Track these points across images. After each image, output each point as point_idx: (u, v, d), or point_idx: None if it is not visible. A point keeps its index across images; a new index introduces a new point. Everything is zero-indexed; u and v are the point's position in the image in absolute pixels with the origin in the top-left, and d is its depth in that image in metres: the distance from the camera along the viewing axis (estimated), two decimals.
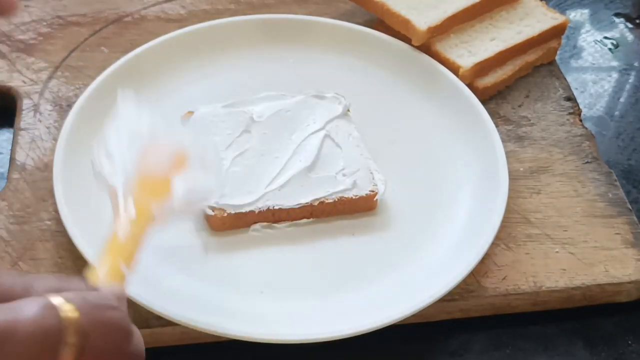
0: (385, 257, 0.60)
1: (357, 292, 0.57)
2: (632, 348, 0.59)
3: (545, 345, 0.59)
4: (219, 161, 0.60)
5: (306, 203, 0.61)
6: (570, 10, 0.91)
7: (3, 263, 0.58)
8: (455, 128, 0.69)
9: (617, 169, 0.71)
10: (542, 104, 0.74)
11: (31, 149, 0.66)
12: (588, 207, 0.65)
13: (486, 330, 0.59)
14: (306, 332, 0.53)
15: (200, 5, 0.82)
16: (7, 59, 0.75)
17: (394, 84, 0.73)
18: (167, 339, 0.56)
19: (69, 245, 0.58)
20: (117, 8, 0.81)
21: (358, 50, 0.75)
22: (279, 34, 0.76)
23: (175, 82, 0.71)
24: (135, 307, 0.55)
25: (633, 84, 0.82)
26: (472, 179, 0.65)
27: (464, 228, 0.61)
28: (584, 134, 0.71)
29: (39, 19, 0.79)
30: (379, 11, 0.75)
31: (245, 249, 0.60)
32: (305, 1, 0.83)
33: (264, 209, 0.60)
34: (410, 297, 0.55)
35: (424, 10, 0.73)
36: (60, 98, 0.71)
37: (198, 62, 0.73)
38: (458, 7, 0.74)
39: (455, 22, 0.74)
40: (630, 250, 0.62)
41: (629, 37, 0.87)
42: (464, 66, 0.71)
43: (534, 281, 0.59)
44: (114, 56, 0.73)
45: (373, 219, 0.62)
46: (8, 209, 0.62)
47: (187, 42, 0.73)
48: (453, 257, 0.59)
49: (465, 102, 0.69)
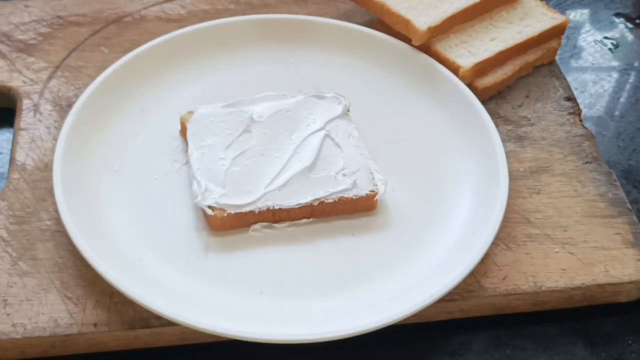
0: (385, 257, 0.60)
1: (357, 292, 0.57)
2: (632, 348, 0.59)
3: (545, 345, 0.59)
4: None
5: (306, 203, 0.61)
6: (570, 10, 0.91)
7: (3, 263, 0.58)
8: (455, 128, 0.69)
9: (617, 169, 0.71)
10: (542, 104, 0.74)
11: (31, 149, 0.66)
12: (588, 207, 0.65)
13: (486, 330, 0.59)
14: (306, 332, 0.53)
15: (200, 5, 0.82)
16: (7, 59, 0.75)
17: (394, 84, 0.73)
18: (167, 339, 0.56)
19: (69, 245, 0.59)
20: (117, 8, 0.81)
21: (358, 50, 0.75)
22: (279, 34, 0.76)
23: (175, 82, 0.71)
24: (135, 307, 0.55)
25: (633, 84, 0.82)
26: (472, 179, 0.65)
27: (464, 228, 0.61)
28: (584, 134, 0.71)
29: (39, 19, 0.79)
30: (379, 11, 0.75)
31: (245, 249, 0.60)
32: (305, 1, 0.83)
33: (264, 209, 0.60)
34: (410, 297, 0.55)
35: (423, 10, 0.73)
36: (60, 98, 0.71)
37: (198, 62, 0.73)
38: (458, 7, 0.74)
39: (455, 22, 0.74)
40: (630, 250, 0.62)
41: (629, 37, 0.87)
42: (464, 66, 0.71)
43: (534, 281, 0.59)
44: (114, 56, 0.73)
45: (373, 219, 0.62)
46: (8, 209, 0.62)
47: (187, 42, 0.73)
48: (453, 257, 0.59)
49: (465, 102, 0.69)
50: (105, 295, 0.57)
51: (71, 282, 0.58)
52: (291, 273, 0.59)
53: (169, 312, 0.53)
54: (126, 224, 0.61)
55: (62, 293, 0.57)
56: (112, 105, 0.68)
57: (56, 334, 0.55)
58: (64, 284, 0.57)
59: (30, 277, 0.58)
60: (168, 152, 0.66)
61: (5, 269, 0.58)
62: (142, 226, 0.61)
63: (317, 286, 0.58)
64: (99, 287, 0.57)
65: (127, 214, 0.61)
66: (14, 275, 0.58)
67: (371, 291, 0.57)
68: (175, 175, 0.65)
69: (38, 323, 0.55)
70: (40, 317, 0.55)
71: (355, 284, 0.58)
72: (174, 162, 0.66)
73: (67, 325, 0.55)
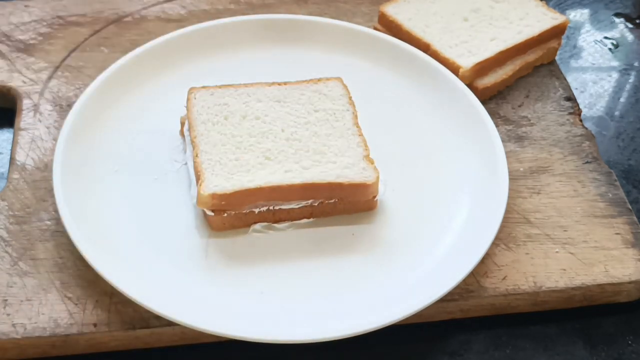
0: (386, 257, 0.60)
1: (357, 292, 0.57)
2: (632, 348, 0.59)
3: (545, 345, 0.59)
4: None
5: (306, 203, 0.60)
6: (570, 10, 0.91)
7: (3, 263, 0.58)
8: (455, 128, 0.69)
9: (617, 169, 0.71)
10: (542, 104, 0.74)
11: (31, 149, 0.66)
12: (588, 207, 0.65)
13: (486, 330, 0.59)
14: (306, 332, 0.53)
15: (200, 5, 0.82)
16: (7, 59, 0.75)
17: (394, 84, 0.73)
18: (167, 339, 0.56)
19: (69, 245, 0.59)
20: (117, 8, 0.81)
21: (358, 50, 0.75)
22: (279, 34, 0.76)
23: (175, 82, 0.71)
24: (135, 307, 0.55)
25: (633, 84, 0.82)
26: (472, 179, 0.65)
27: (464, 228, 0.61)
28: (584, 134, 0.71)
29: (39, 19, 0.79)
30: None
31: (245, 249, 0.60)
32: (305, 1, 0.83)
33: (264, 209, 0.60)
34: (411, 297, 0.55)
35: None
36: (60, 98, 0.71)
37: (198, 62, 0.73)
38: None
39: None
40: (630, 250, 0.62)
41: (629, 37, 0.87)
42: (464, 66, 0.71)
43: (534, 281, 0.59)
44: (114, 56, 0.73)
45: (373, 219, 0.62)
46: (8, 209, 0.62)
47: (187, 42, 0.73)
48: (453, 257, 0.59)
49: (465, 102, 0.69)
50: (105, 295, 0.57)
51: (71, 282, 0.58)
52: (291, 273, 0.59)
53: (169, 312, 0.53)
54: (126, 224, 0.61)
55: (62, 293, 0.57)
56: (112, 105, 0.68)
57: (56, 334, 0.55)
58: (64, 284, 0.57)
59: (30, 277, 0.58)
60: (168, 152, 0.66)
61: (5, 269, 0.58)
62: (142, 226, 0.61)
63: (317, 286, 0.58)
64: (99, 287, 0.57)
65: (127, 214, 0.61)
66: (14, 275, 0.58)
67: (371, 291, 0.57)
68: (175, 175, 0.65)
69: (38, 323, 0.55)
70: (40, 317, 0.55)
71: (355, 284, 0.58)
72: (174, 162, 0.66)
73: (67, 325, 0.55)
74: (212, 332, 0.53)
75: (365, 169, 0.61)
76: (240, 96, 0.66)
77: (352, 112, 0.66)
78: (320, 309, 0.56)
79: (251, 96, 0.66)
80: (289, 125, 0.64)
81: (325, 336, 0.53)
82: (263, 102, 0.66)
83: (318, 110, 0.66)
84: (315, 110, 0.66)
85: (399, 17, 0.77)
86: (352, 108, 0.66)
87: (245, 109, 0.65)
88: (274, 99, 0.66)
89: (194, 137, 0.63)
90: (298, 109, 0.66)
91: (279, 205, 0.60)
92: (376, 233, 0.62)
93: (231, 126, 0.64)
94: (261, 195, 0.59)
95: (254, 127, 0.64)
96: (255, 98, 0.66)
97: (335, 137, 0.63)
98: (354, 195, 0.61)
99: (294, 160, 0.61)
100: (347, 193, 0.60)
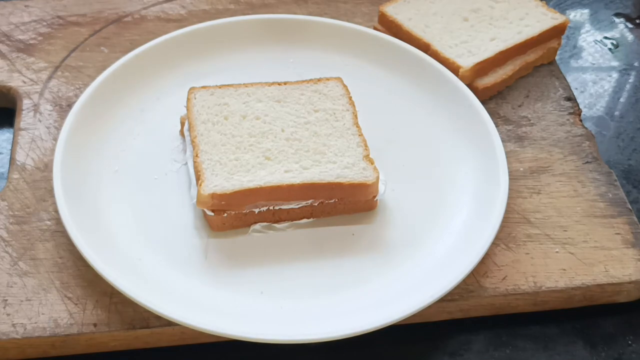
0: (385, 257, 0.60)
1: (357, 292, 0.57)
2: (632, 348, 0.59)
3: (545, 345, 0.59)
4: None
5: (306, 203, 0.61)
6: (570, 10, 0.91)
7: (3, 263, 0.58)
8: (455, 128, 0.69)
9: (617, 169, 0.71)
10: (542, 104, 0.74)
11: (31, 149, 0.66)
12: (588, 207, 0.65)
13: (486, 330, 0.59)
14: (306, 332, 0.53)
15: (200, 5, 0.82)
16: (7, 59, 0.75)
17: (394, 84, 0.73)
18: (167, 339, 0.56)
19: (69, 245, 0.59)
20: (117, 8, 0.81)
21: (358, 50, 0.75)
22: (279, 34, 0.76)
23: (175, 82, 0.71)
24: (135, 307, 0.55)
25: (633, 84, 0.82)
26: (472, 178, 0.65)
27: (464, 228, 0.61)
28: (584, 134, 0.71)
29: (39, 19, 0.79)
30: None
31: (245, 249, 0.60)
32: (305, 1, 0.83)
33: (263, 209, 0.60)
34: (410, 297, 0.55)
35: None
36: (60, 98, 0.71)
37: (198, 62, 0.73)
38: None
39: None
40: (630, 250, 0.62)
41: (629, 37, 0.87)
42: (464, 66, 0.71)
43: (534, 281, 0.59)
44: (114, 56, 0.73)
45: (373, 219, 0.62)
46: (8, 209, 0.62)
47: (187, 42, 0.73)
48: (453, 257, 0.59)
49: (465, 102, 0.69)
50: (105, 295, 0.57)
51: (71, 282, 0.58)
52: (291, 273, 0.59)
53: (169, 312, 0.53)
54: (126, 224, 0.61)
55: (62, 293, 0.57)
56: (112, 105, 0.68)
57: (56, 334, 0.55)
58: (64, 284, 0.57)
59: (30, 277, 0.58)
60: (168, 152, 0.66)
61: (5, 269, 0.58)
62: (142, 226, 0.61)
63: (317, 286, 0.58)
64: (99, 287, 0.57)
65: (127, 214, 0.61)
66: (14, 275, 0.58)
67: (371, 291, 0.57)
68: (175, 175, 0.65)
69: (38, 323, 0.55)
70: (40, 317, 0.55)
71: (355, 284, 0.58)
72: (174, 162, 0.66)
73: (67, 325, 0.55)
74: (212, 332, 0.53)
75: (365, 169, 0.61)
76: (240, 96, 0.66)
77: (352, 112, 0.66)
78: (320, 309, 0.56)
79: (251, 96, 0.67)
80: (289, 125, 0.64)
81: (325, 336, 0.53)
82: (263, 102, 0.66)
83: (318, 110, 0.66)
84: (315, 110, 0.66)
85: (399, 17, 0.77)
86: (352, 108, 0.66)
87: (245, 109, 0.65)
88: (274, 99, 0.66)
89: (194, 137, 0.63)
90: (298, 109, 0.66)
91: (279, 205, 0.60)
92: (376, 233, 0.62)
93: (231, 126, 0.64)
94: (261, 195, 0.59)
95: (254, 127, 0.64)
96: (255, 98, 0.66)
97: (335, 137, 0.63)
98: (354, 195, 0.61)
99: (294, 160, 0.61)
100: (347, 193, 0.61)
